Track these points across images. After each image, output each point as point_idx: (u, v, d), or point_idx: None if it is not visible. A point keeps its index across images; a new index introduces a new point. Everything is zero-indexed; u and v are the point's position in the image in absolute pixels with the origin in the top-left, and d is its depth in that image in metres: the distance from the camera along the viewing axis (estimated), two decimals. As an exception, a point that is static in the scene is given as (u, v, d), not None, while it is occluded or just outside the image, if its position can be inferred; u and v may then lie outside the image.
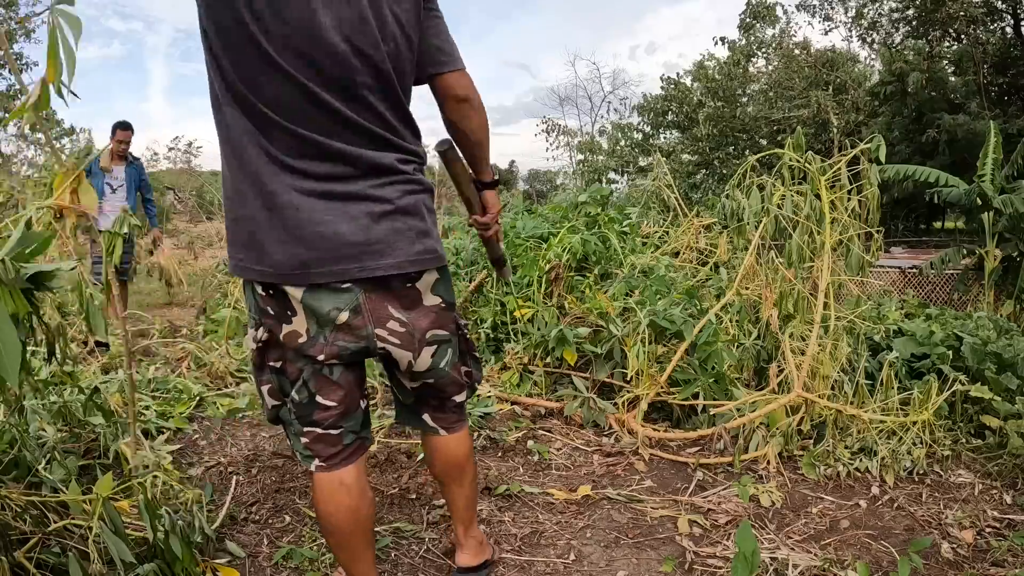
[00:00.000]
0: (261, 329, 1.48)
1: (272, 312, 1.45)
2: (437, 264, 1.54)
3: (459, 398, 1.75)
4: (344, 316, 1.42)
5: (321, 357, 1.45)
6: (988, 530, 2.30)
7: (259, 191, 1.38)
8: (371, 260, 1.41)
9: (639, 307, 3.38)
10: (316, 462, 1.54)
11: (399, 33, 1.44)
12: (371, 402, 3.63)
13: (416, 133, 1.55)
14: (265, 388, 1.54)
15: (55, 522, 1.68)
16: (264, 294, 1.45)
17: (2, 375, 1.16)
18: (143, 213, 5.75)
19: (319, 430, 1.51)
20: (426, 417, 1.74)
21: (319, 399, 1.49)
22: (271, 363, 1.51)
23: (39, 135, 23.19)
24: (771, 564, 2.09)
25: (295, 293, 1.40)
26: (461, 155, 1.71)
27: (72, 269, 1.48)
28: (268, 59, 1.33)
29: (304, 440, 1.53)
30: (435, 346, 1.58)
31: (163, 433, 3.01)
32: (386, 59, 1.42)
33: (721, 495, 2.58)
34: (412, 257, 1.46)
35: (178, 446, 2.94)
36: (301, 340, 1.44)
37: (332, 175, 1.40)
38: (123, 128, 5.46)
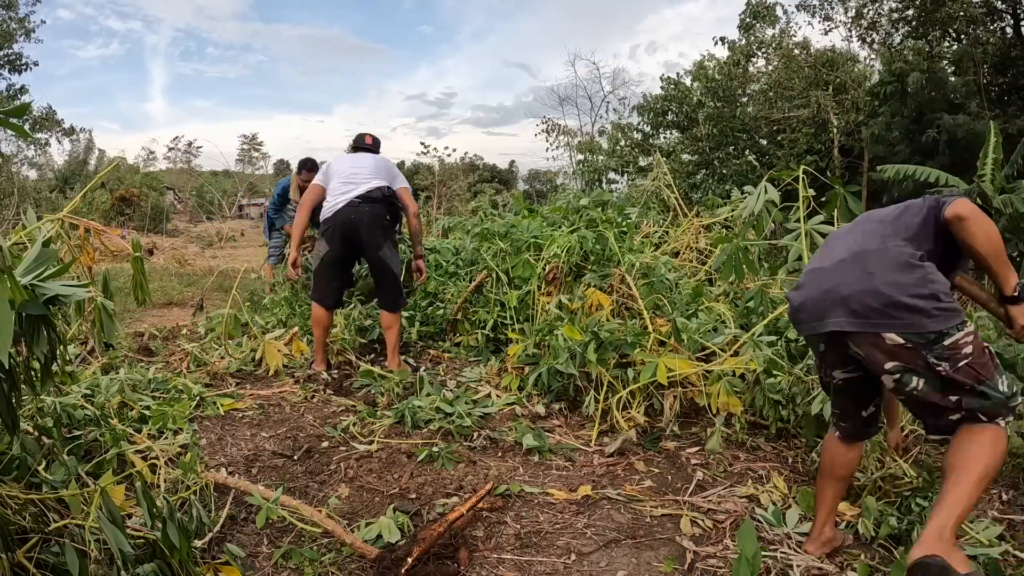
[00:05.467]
0: None
1: None
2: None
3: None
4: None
5: None
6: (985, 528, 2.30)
7: None
8: None
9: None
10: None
11: None
12: (375, 401, 3.63)
13: None
14: None
15: (55, 521, 1.68)
16: None
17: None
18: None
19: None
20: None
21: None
22: None
23: (39, 135, 23.18)
24: (772, 564, 2.09)
25: None
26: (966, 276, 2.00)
27: (87, 291, 1.50)
28: None
29: None
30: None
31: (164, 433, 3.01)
32: None
33: (721, 495, 2.58)
34: None
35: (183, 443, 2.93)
36: None
37: None
38: (309, 168, 6.36)
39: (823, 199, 2.78)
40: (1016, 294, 1.89)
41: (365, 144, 4.37)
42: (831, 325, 1.90)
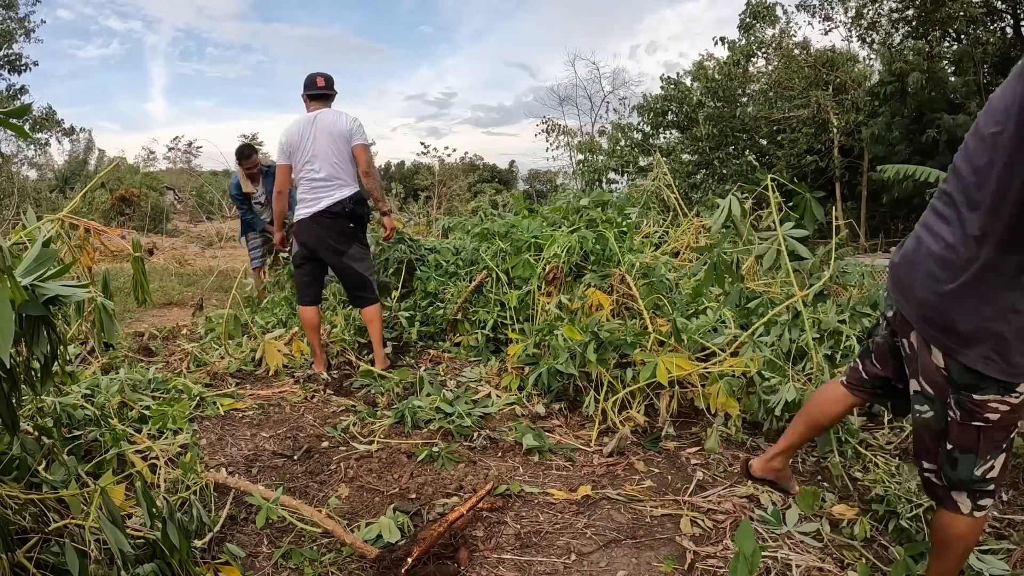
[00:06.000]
0: None
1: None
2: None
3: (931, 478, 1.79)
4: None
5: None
6: (988, 529, 2.30)
7: None
8: None
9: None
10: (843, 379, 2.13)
11: None
12: (378, 401, 3.63)
13: None
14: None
15: (55, 521, 1.68)
16: None
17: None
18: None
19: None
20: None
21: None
22: None
23: (39, 135, 23.18)
24: (772, 564, 2.09)
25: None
26: None
27: (87, 292, 1.50)
28: None
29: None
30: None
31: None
32: None
33: (721, 495, 2.58)
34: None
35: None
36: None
37: None
38: (246, 156, 5.99)
39: (791, 204, 2.81)
40: None
41: (319, 90, 4.03)
42: (901, 308, 1.76)
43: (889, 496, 2.38)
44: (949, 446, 1.69)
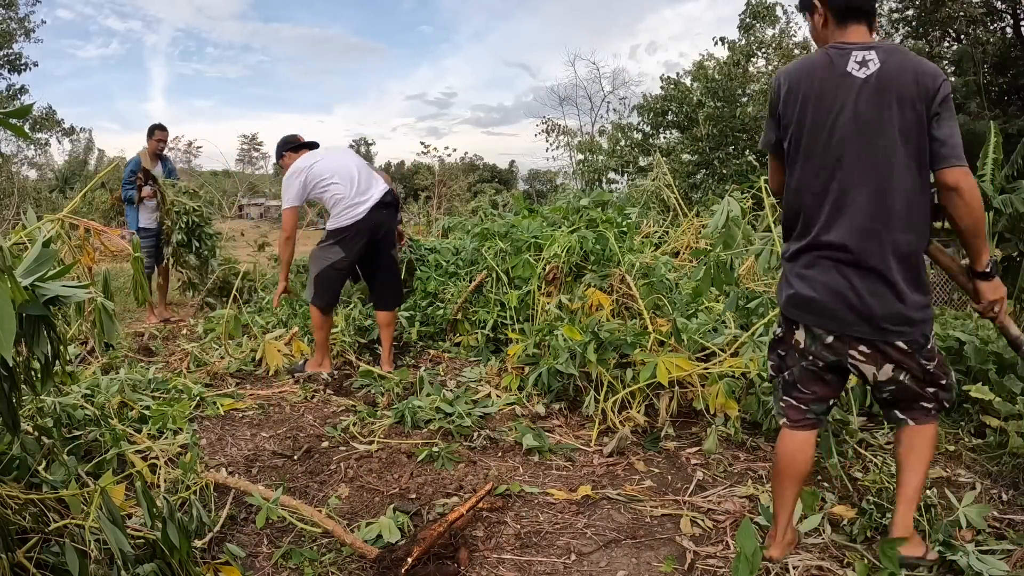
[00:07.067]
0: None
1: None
2: None
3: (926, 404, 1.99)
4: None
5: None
6: (988, 529, 2.30)
7: None
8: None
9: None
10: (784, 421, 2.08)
11: None
12: (379, 402, 3.63)
13: None
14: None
15: (55, 521, 1.68)
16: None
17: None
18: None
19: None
20: (896, 413, 2.03)
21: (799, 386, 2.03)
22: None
23: (39, 135, 23.17)
24: (771, 564, 2.09)
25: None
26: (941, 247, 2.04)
27: (87, 292, 1.50)
28: None
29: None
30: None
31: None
32: None
33: (721, 495, 2.58)
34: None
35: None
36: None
37: None
38: (161, 129, 6.09)
39: None
40: (987, 270, 1.89)
41: (309, 141, 4.29)
42: (852, 331, 1.88)
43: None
44: (941, 380, 1.93)
